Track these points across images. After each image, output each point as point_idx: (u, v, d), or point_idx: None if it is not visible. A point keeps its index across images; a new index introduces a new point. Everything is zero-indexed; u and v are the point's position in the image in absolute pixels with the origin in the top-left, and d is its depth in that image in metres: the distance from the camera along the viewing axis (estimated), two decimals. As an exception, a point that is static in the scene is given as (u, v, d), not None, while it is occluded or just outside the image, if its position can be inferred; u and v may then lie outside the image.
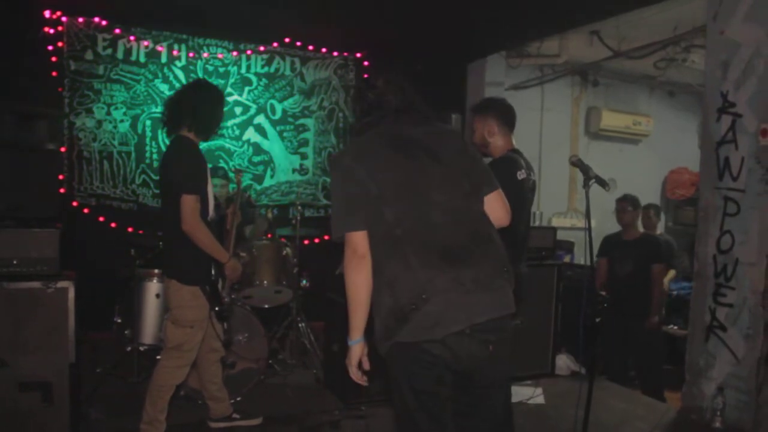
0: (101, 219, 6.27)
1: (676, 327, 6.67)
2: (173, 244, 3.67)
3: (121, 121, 6.36)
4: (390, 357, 2.32)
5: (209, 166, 3.81)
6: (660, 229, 7.20)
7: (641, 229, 5.90)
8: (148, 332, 4.87)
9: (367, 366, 2.44)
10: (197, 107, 3.68)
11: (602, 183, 3.29)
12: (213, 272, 3.69)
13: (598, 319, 4.09)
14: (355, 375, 2.45)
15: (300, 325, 5.52)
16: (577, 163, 3.39)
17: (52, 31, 6.03)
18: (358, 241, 2.34)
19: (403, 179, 2.37)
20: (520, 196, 3.67)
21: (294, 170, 7.19)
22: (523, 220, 3.75)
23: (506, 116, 3.83)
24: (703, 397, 4.52)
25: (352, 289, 2.35)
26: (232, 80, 6.82)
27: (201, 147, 3.77)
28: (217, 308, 3.71)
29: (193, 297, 3.63)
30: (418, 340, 2.23)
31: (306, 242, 6.49)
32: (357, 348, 2.42)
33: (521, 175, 3.70)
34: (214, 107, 3.78)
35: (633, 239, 5.70)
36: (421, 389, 2.28)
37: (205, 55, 6.69)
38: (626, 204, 5.73)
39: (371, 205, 2.33)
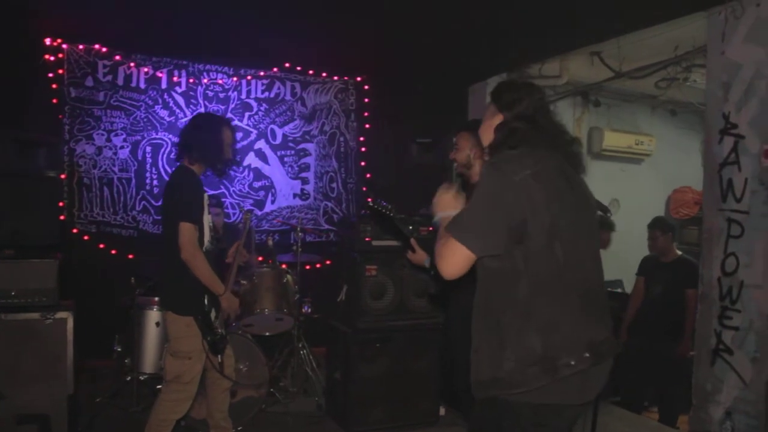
0: (101, 246, 6.24)
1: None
2: (170, 275, 3.64)
3: (121, 147, 6.36)
4: (503, 406, 2.11)
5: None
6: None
7: (678, 252, 5.66)
8: (149, 361, 4.83)
9: None
10: (194, 137, 3.69)
11: (603, 209, 3.25)
12: (206, 302, 3.62)
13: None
14: None
15: (302, 352, 5.47)
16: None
17: (52, 58, 6.06)
18: (459, 262, 2.12)
19: (574, 219, 2.20)
20: None
21: (295, 195, 7.17)
22: None
23: None
24: (710, 421, 4.45)
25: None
26: (232, 105, 6.81)
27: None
28: (208, 338, 3.62)
29: (189, 327, 3.57)
30: (560, 403, 2.09)
31: (307, 267, 6.46)
32: None
33: None
34: (209, 135, 3.71)
35: (669, 261, 5.54)
36: None
37: (205, 80, 6.70)
38: (655, 231, 5.59)
39: (513, 234, 2.09)
